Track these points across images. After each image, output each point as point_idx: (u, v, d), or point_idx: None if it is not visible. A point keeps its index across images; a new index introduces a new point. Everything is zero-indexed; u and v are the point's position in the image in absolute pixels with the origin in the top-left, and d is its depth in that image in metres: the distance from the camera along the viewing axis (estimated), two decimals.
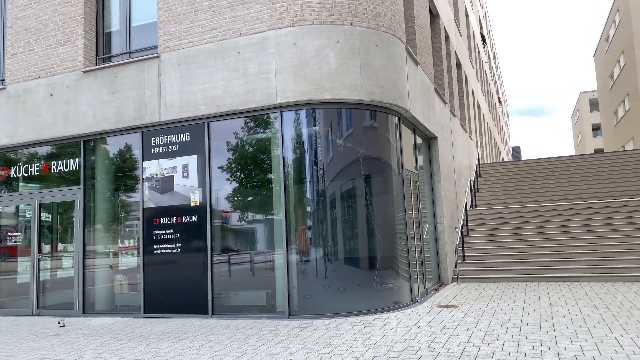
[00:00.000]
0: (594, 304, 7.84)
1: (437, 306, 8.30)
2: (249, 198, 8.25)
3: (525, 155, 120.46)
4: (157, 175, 8.79)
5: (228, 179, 8.38)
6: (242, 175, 8.33)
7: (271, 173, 8.15)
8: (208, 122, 8.52)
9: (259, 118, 8.28)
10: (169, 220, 8.64)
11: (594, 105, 58.03)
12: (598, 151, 55.54)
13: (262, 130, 8.27)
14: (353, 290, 7.87)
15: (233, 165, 8.38)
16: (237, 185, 8.33)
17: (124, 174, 9.14)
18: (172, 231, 8.60)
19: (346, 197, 8.09)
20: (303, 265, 7.89)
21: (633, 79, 28.53)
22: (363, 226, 8.12)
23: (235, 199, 8.33)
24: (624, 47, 30.18)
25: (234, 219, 8.34)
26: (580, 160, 17.61)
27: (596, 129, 57.55)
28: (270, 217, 8.12)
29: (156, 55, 8.83)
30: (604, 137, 39.83)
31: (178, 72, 8.64)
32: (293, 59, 7.99)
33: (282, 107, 8.09)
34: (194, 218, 8.47)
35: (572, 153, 72.98)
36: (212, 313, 8.19)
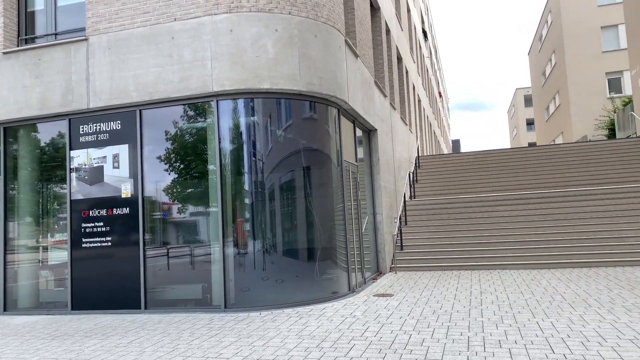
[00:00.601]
0: (520, 291, 8.21)
1: (373, 295, 8.43)
2: (185, 190, 8.02)
3: (464, 148, 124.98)
4: (85, 165, 8.36)
5: (162, 170, 8.09)
6: (177, 166, 8.07)
7: (208, 164, 7.95)
8: (140, 110, 8.18)
9: (194, 106, 8.04)
10: (99, 212, 8.25)
11: (528, 100, 60.86)
12: (531, 145, 58.37)
13: (197, 120, 8.03)
14: (291, 282, 7.84)
15: (167, 156, 8.11)
16: (171, 176, 8.06)
17: (50, 163, 8.63)
18: (102, 224, 8.22)
19: (285, 188, 8.03)
20: (241, 258, 7.77)
21: (563, 77, 30.11)
22: (302, 218, 8.09)
23: (170, 190, 8.07)
24: (555, 47, 31.77)
25: (169, 211, 8.08)
26: (514, 153, 18.41)
27: (530, 123, 60.46)
28: (206, 209, 7.92)
29: (84, 37, 8.36)
30: (537, 131, 41.90)
31: (108, 56, 8.23)
32: (230, 47, 7.80)
33: (218, 96, 7.89)
34: (126, 210, 8.13)
35: (508, 146, 76.28)
36: (145, 308, 7.92)
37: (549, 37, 33.81)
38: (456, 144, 72.36)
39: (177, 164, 8.08)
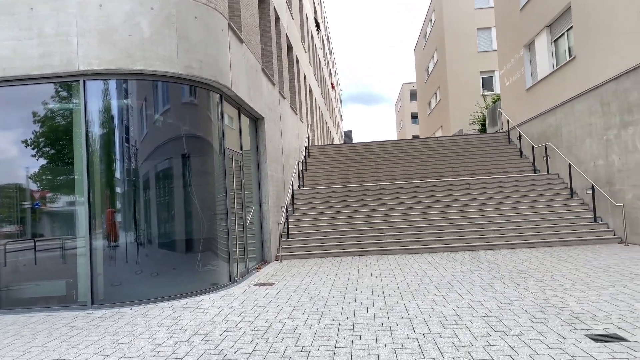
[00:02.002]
0: (394, 275, 8.65)
1: (254, 285, 8.38)
2: (49, 177, 7.30)
3: (356, 139, 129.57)
4: None
5: (20, 155, 7.29)
6: (40, 151, 7.31)
7: (74, 150, 7.30)
8: None
9: (59, 86, 7.32)
10: None
11: (413, 95, 64.45)
12: (415, 137, 62.07)
13: (63, 100, 7.33)
14: (168, 275, 7.51)
15: (26, 139, 7.31)
16: (33, 162, 7.29)
17: None
18: None
19: (162, 177, 7.64)
20: (111, 251, 7.27)
21: (443, 74, 32.22)
22: (181, 208, 7.76)
23: (30, 178, 7.30)
24: (437, 45, 33.86)
25: (29, 200, 7.31)
26: (399, 144, 19.35)
27: (415, 117, 64.13)
28: (72, 198, 7.29)
29: None
30: (420, 124, 44.52)
31: None
32: (99, 23, 7.20)
33: (85, 75, 7.26)
34: None
35: (395, 138, 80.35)
36: None
37: (432, 35, 35.94)
38: (348, 134, 74.42)
39: (40, 149, 7.32)
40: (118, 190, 7.39)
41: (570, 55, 13.90)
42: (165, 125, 7.70)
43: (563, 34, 14.24)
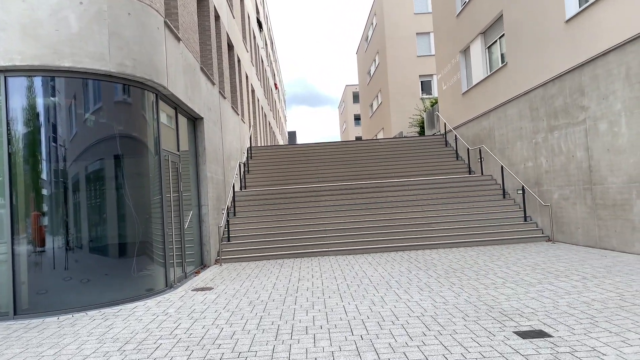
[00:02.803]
0: (334, 276, 8.69)
1: (192, 290, 8.16)
2: None
3: (300, 140, 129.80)
4: None
5: None
6: None
7: None
8: None
9: None
10: None
11: (356, 97, 65.37)
12: (358, 138, 62.96)
13: None
14: (100, 281, 7.17)
15: None
16: None
17: None
18: None
19: (93, 178, 7.28)
20: (37, 257, 6.85)
21: (384, 77, 32.86)
22: (113, 210, 7.43)
23: None
24: (379, 48, 34.50)
25: None
26: (341, 146, 19.52)
27: (357, 119, 65.06)
28: None
29: None
30: (363, 126, 45.19)
31: None
32: (22, 16, 6.77)
33: (7, 71, 6.80)
34: None
35: (339, 139, 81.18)
36: None
37: (373, 38, 36.57)
38: (292, 135, 74.56)
39: None
40: (45, 192, 6.97)
41: (502, 61, 14.55)
42: (96, 124, 7.35)
43: (496, 41, 14.88)
